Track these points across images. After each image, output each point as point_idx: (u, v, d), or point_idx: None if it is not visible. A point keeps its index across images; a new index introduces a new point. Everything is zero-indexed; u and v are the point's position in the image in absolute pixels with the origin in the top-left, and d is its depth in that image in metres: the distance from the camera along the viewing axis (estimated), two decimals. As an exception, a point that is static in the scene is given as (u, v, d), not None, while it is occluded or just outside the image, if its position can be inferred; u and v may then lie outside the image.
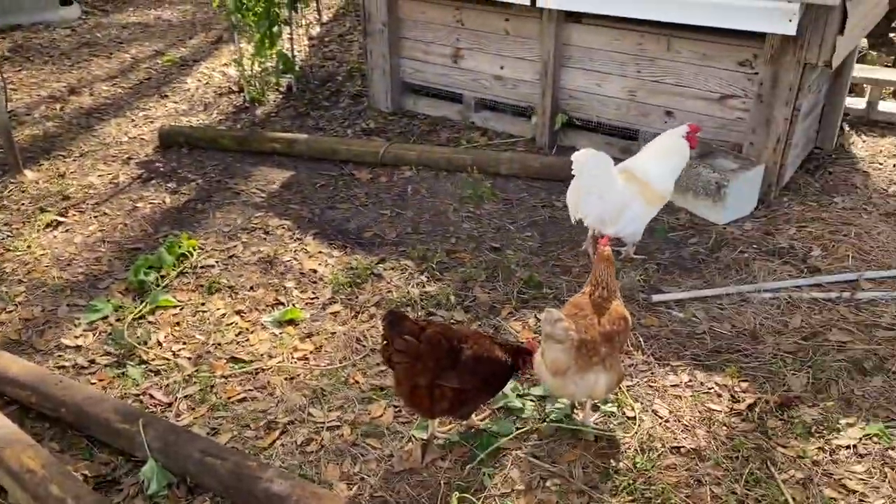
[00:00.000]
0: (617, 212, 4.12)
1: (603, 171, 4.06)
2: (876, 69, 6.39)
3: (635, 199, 4.12)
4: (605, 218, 4.15)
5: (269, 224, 4.87)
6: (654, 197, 4.16)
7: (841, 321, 3.79)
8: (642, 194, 4.12)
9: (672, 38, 4.97)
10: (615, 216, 4.13)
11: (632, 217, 4.15)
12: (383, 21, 6.06)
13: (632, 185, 4.13)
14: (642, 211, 4.16)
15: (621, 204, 4.11)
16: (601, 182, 4.07)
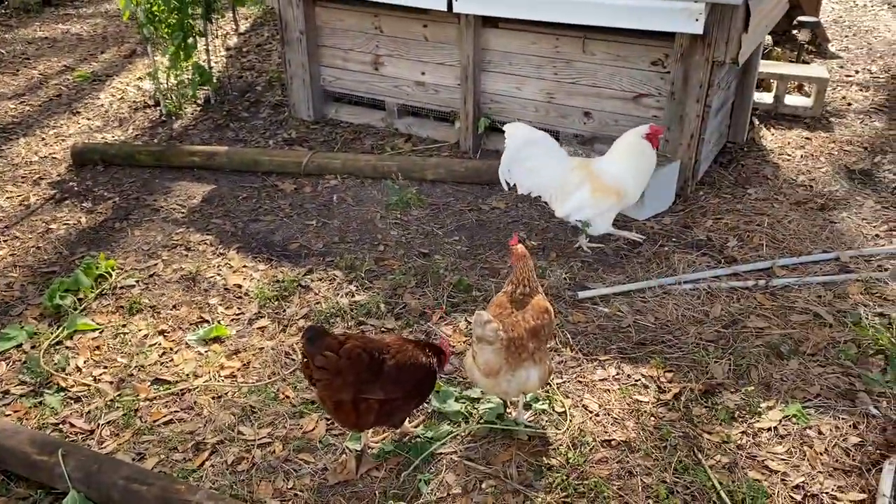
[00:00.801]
0: (560, 193, 4.36)
1: (540, 147, 4.35)
2: (781, 64, 6.68)
3: (583, 185, 4.31)
4: (545, 194, 4.43)
5: (191, 240, 4.74)
6: (602, 188, 4.29)
7: (758, 308, 3.93)
8: (590, 182, 4.30)
9: (587, 39, 5.07)
10: (559, 197, 4.38)
11: (578, 203, 4.33)
12: (301, 30, 5.99)
13: (580, 170, 4.35)
14: (589, 199, 4.31)
15: (563, 184, 4.34)
16: (537, 155, 4.33)
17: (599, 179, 4.30)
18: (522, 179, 4.44)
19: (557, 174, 4.37)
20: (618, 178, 4.32)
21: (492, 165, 5.35)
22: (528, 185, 4.46)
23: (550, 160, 4.38)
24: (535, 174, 4.40)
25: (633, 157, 4.35)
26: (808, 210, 4.86)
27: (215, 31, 7.64)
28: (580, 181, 4.32)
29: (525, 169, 4.40)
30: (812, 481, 2.92)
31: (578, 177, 4.33)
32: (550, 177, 4.38)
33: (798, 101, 6.31)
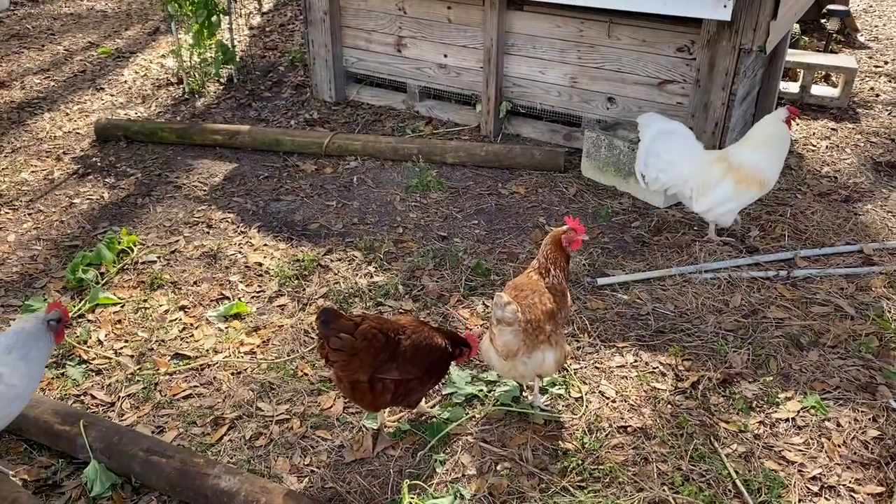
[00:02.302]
0: (701, 188, 4.16)
1: (674, 138, 4.19)
2: (808, 54, 6.58)
3: (725, 177, 4.13)
4: (685, 191, 4.22)
5: (212, 218, 4.78)
6: (746, 179, 4.12)
7: (778, 298, 3.90)
8: (733, 174, 4.12)
9: (612, 24, 5.03)
10: (699, 192, 4.18)
11: (721, 197, 4.15)
12: (324, 10, 5.98)
13: (720, 164, 4.15)
14: (732, 192, 4.13)
15: (705, 180, 4.15)
16: (673, 149, 4.18)
17: (742, 170, 4.11)
18: (659, 173, 4.25)
19: (698, 167, 4.16)
20: (762, 168, 4.13)
21: (512, 150, 5.35)
22: (665, 180, 4.26)
23: (689, 153, 4.19)
24: (673, 167, 4.20)
25: (774, 144, 4.17)
26: (832, 202, 4.80)
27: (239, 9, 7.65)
28: (721, 174, 4.13)
29: (663, 162, 4.21)
30: (829, 473, 2.90)
31: (719, 170, 4.13)
32: (690, 170, 4.17)
33: (825, 91, 6.23)
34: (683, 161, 4.18)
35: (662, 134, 4.22)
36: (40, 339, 2.72)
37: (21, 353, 2.64)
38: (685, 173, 4.19)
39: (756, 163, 4.12)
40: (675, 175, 4.21)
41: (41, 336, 2.72)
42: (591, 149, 5.08)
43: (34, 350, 2.69)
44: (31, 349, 2.68)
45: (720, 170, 4.13)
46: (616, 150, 4.90)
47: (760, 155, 4.14)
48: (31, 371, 2.65)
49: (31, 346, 2.68)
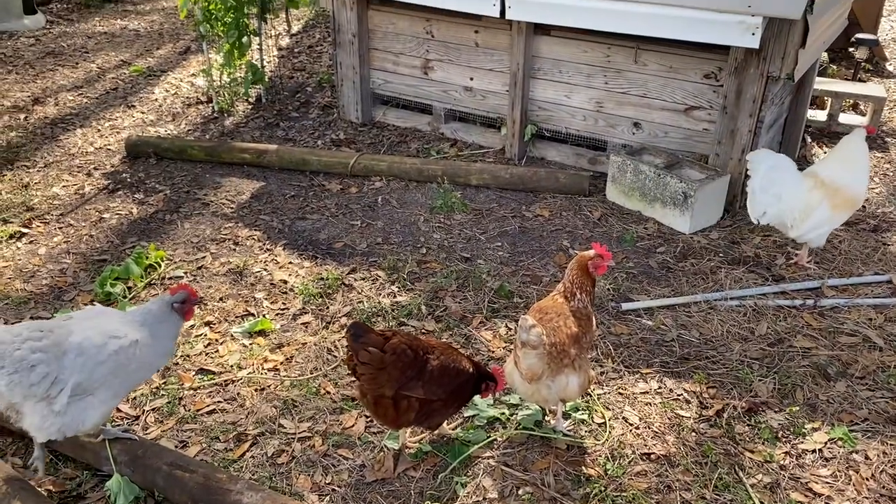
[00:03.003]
0: (801, 215, 4.17)
1: (778, 171, 4.20)
2: (836, 82, 6.55)
3: (822, 203, 4.14)
4: (786, 220, 4.22)
5: (239, 235, 4.83)
6: (843, 202, 4.15)
7: (805, 328, 3.86)
8: (829, 199, 4.14)
9: (639, 50, 5.05)
10: (799, 219, 4.18)
11: (818, 222, 4.17)
12: (353, 32, 6.06)
13: (818, 189, 4.16)
14: (829, 216, 4.16)
15: (805, 207, 4.16)
16: (777, 181, 4.18)
17: (839, 194, 4.14)
18: (769, 207, 4.22)
19: (800, 196, 4.17)
20: (855, 189, 4.18)
21: (537, 173, 5.37)
22: (773, 213, 4.24)
23: (793, 184, 4.20)
24: (780, 201, 4.19)
25: (863, 163, 4.23)
26: (861, 231, 4.76)
27: (269, 31, 7.77)
28: (819, 199, 4.14)
29: (771, 196, 4.21)
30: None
31: (818, 196, 4.14)
32: (793, 200, 4.17)
33: (853, 120, 6.19)
34: (788, 193, 4.18)
35: (770, 170, 4.21)
36: (166, 320, 2.93)
37: (150, 330, 2.87)
38: (791, 205, 4.18)
39: (851, 184, 4.15)
40: (782, 208, 4.20)
41: (166, 317, 2.93)
42: (616, 173, 5.08)
43: (161, 328, 2.91)
44: (159, 327, 2.90)
45: (819, 195, 4.14)
46: (642, 174, 4.90)
47: (852, 174, 4.17)
48: (157, 347, 2.89)
49: (157, 325, 2.90)
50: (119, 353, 2.73)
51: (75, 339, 2.69)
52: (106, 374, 2.72)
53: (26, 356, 2.59)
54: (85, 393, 2.71)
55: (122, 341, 2.75)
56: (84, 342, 2.69)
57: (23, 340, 2.61)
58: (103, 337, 2.73)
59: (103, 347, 2.70)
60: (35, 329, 2.68)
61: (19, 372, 2.57)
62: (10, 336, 2.62)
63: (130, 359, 2.76)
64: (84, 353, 2.67)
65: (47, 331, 2.68)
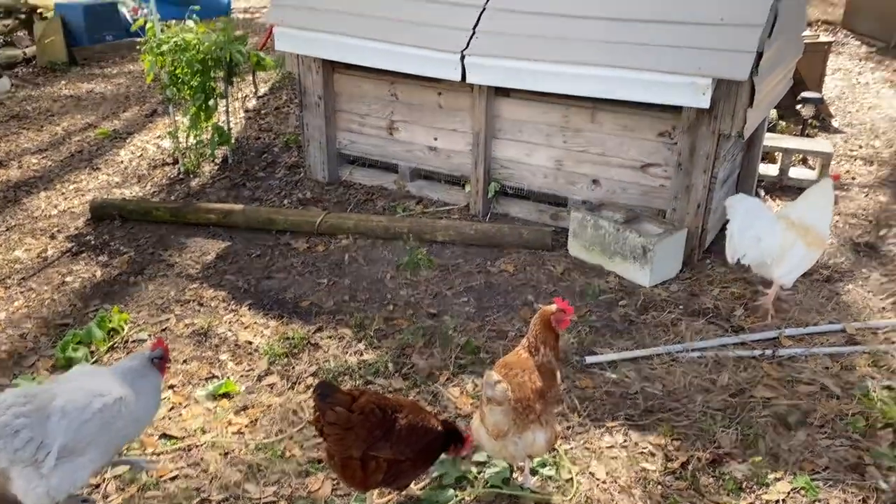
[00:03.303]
0: (779, 255, 4.38)
1: (756, 214, 4.46)
2: (785, 138, 6.82)
3: (797, 242, 4.37)
4: (767, 260, 4.42)
5: (204, 296, 4.81)
6: (815, 241, 4.40)
7: (765, 378, 3.94)
8: (802, 238, 4.37)
9: (595, 110, 5.22)
10: (778, 259, 4.39)
11: (797, 261, 4.39)
12: (319, 95, 6.18)
13: (792, 230, 4.40)
14: (804, 254, 4.38)
15: (781, 248, 4.37)
16: (755, 224, 4.42)
17: (811, 233, 4.39)
18: (748, 250, 4.44)
19: (777, 237, 4.39)
20: (823, 228, 4.45)
21: (501, 229, 5.46)
22: (754, 255, 4.44)
23: (768, 225, 4.44)
24: (759, 242, 4.41)
25: (828, 206, 4.51)
26: (815, 281, 4.90)
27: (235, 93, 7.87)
28: (794, 238, 4.38)
29: (750, 238, 4.43)
30: (821, 555, 2.88)
31: (792, 235, 4.38)
32: (772, 241, 4.40)
33: (803, 174, 6.43)
34: (766, 234, 4.42)
35: (748, 213, 4.48)
36: (147, 375, 3.04)
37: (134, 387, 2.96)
38: (770, 245, 4.41)
39: (818, 223, 4.42)
40: (762, 249, 4.43)
41: (147, 372, 3.04)
42: (577, 228, 5.19)
43: (144, 383, 3.01)
44: (141, 383, 3.00)
45: (793, 235, 4.38)
46: (601, 230, 5.01)
47: (819, 215, 4.44)
48: (142, 402, 2.98)
49: (140, 381, 2.99)
50: (104, 410, 2.79)
51: (58, 403, 2.75)
52: (93, 433, 2.76)
53: (10, 422, 2.64)
54: (73, 454, 2.74)
55: (105, 399, 2.81)
56: (67, 405, 2.75)
57: (6, 407, 2.67)
58: (87, 396, 2.80)
59: (87, 407, 2.77)
60: (20, 395, 2.74)
61: (3, 438, 2.62)
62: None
63: (116, 416, 2.82)
64: (67, 415, 2.73)
65: (31, 396, 2.74)
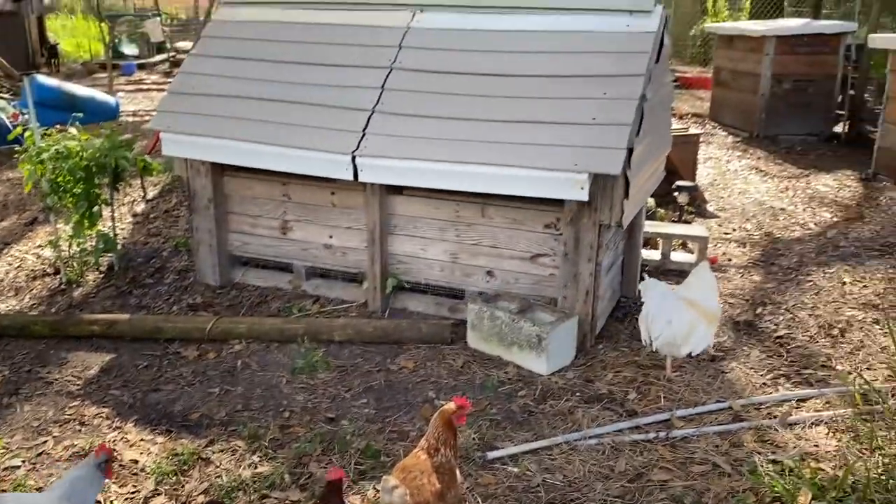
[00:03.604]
0: (687, 334, 4.72)
1: (666, 298, 4.80)
2: (664, 224, 7.23)
3: (699, 321, 4.74)
4: (678, 341, 4.73)
5: (85, 414, 4.53)
6: (712, 318, 4.85)
7: (661, 460, 4.03)
8: (704, 317, 4.77)
9: (485, 205, 5.40)
10: (686, 337, 4.73)
11: (700, 337, 4.76)
12: (209, 198, 6.12)
13: (692, 309, 4.76)
14: (707, 332, 4.79)
15: (689, 326, 4.72)
16: (667, 308, 4.74)
17: (709, 312, 4.81)
18: (663, 331, 4.71)
19: (684, 318, 4.71)
20: (714, 305, 4.92)
21: (399, 324, 5.46)
22: (666, 336, 4.71)
23: (676, 307, 4.76)
24: (670, 324, 4.69)
25: (714, 283, 5.02)
26: (700, 361, 5.11)
27: (122, 198, 7.68)
28: (696, 317, 4.73)
29: (664, 322, 4.70)
30: None
31: (694, 314, 4.74)
32: (680, 323, 4.71)
33: (683, 258, 6.80)
34: (676, 317, 4.72)
35: (661, 298, 4.81)
36: (94, 482, 3.19)
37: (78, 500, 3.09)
38: (679, 326, 4.73)
39: (709, 301, 4.89)
40: (673, 331, 4.73)
41: (94, 479, 3.20)
42: (475, 320, 5.26)
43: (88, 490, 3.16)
44: (87, 493, 3.14)
45: (695, 314, 4.74)
46: (498, 320, 5.10)
47: (710, 294, 4.92)
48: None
49: (87, 490, 3.14)
50: None
51: None
52: None
53: None
54: None
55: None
56: None
57: None
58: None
59: None
60: None
61: None
62: None
63: None
64: None
65: None
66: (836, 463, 3.97)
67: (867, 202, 8.86)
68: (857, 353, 5.23)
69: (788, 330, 5.60)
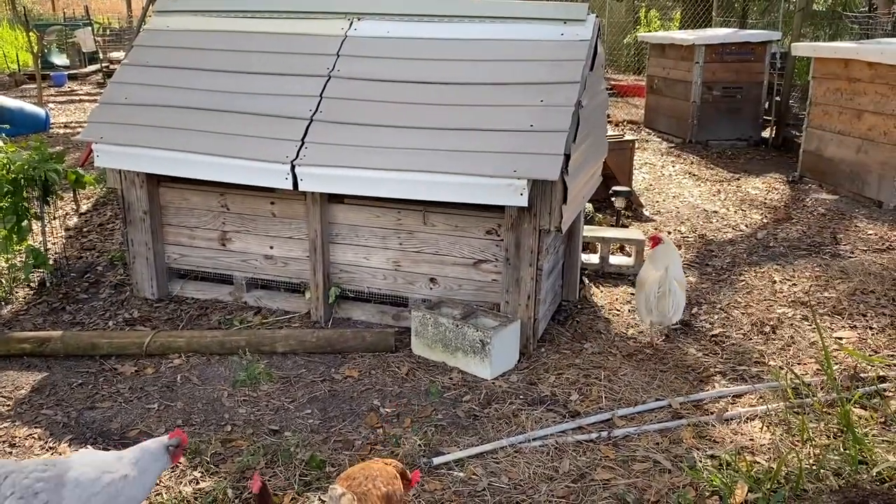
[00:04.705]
0: (678, 305, 5.37)
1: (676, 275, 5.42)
2: (602, 229, 7.38)
3: (679, 289, 5.33)
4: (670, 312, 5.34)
5: (16, 435, 4.36)
6: (683, 285, 5.49)
7: (604, 459, 4.10)
8: (678, 285, 5.33)
9: (427, 213, 5.42)
10: (677, 308, 5.36)
11: (682, 305, 5.45)
12: (144, 209, 5.98)
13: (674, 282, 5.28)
14: (682, 298, 5.43)
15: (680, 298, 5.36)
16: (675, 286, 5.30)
17: (682, 281, 5.48)
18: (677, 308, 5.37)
19: (677, 291, 5.29)
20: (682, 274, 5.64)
21: (343, 334, 5.43)
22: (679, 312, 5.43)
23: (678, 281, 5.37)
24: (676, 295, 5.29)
25: (677, 256, 5.63)
26: (640, 361, 5.23)
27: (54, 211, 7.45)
28: (678, 287, 5.30)
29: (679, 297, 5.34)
30: None
31: (676, 285, 5.28)
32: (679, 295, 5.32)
33: (621, 261, 6.95)
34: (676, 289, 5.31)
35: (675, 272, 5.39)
36: (159, 459, 3.35)
37: (141, 466, 3.28)
38: (678, 298, 5.35)
39: (681, 273, 5.61)
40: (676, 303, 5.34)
41: (160, 456, 3.36)
42: (419, 327, 5.27)
43: (152, 466, 3.33)
44: (151, 467, 3.32)
45: (676, 285, 5.30)
46: (442, 327, 5.12)
47: (679, 266, 5.60)
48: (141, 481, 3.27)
49: (150, 462, 3.32)
50: (110, 485, 3.14)
51: (73, 474, 3.12)
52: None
53: (31, 484, 3.03)
54: None
55: (113, 475, 3.18)
56: (80, 476, 3.12)
57: (30, 472, 3.07)
58: (98, 471, 3.17)
59: (97, 480, 3.13)
60: (40, 463, 3.16)
61: (25, 498, 3.00)
62: (19, 467, 3.11)
63: (119, 491, 3.16)
64: (80, 485, 3.10)
65: (51, 465, 3.15)
66: (771, 455, 4.11)
67: (794, 204, 9.23)
68: (787, 349, 5.43)
69: (723, 328, 5.79)
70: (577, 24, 5.31)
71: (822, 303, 6.21)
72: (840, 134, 9.56)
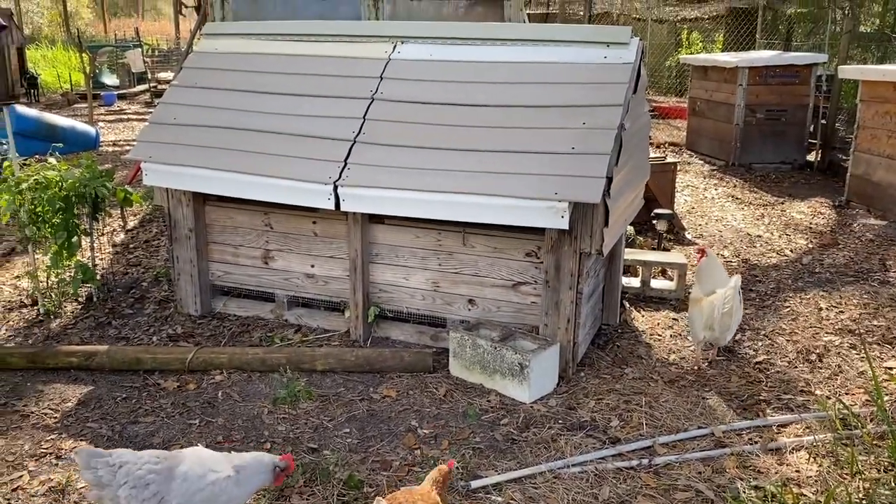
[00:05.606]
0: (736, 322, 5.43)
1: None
2: (644, 252, 7.30)
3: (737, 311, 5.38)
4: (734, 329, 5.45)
5: (62, 447, 4.46)
6: None
7: (644, 488, 4.03)
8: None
9: (466, 234, 5.44)
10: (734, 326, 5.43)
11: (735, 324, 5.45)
12: (190, 227, 6.10)
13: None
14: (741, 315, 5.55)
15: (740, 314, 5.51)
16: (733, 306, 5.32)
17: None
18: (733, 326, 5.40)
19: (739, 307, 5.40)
20: None
21: (382, 353, 5.45)
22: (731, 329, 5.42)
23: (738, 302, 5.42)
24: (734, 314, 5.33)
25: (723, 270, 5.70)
26: (682, 387, 5.15)
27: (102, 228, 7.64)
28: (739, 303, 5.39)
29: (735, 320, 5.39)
30: None
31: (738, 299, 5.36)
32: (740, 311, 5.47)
33: (663, 285, 6.86)
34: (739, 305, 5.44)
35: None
36: (263, 473, 3.47)
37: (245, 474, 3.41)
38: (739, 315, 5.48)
39: None
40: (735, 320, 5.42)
41: (266, 471, 3.48)
42: (457, 348, 5.26)
43: (255, 477, 3.45)
44: (253, 479, 3.44)
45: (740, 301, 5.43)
46: (480, 349, 5.10)
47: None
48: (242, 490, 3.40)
49: (255, 473, 3.44)
50: (215, 484, 3.28)
51: (182, 468, 3.28)
52: (201, 501, 3.25)
53: (144, 475, 3.19)
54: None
55: (219, 475, 3.31)
56: (189, 471, 3.27)
57: (143, 463, 3.22)
58: (204, 469, 3.31)
59: (203, 477, 3.27)
60: (153, 455, 3.31)
61: (137, 487, 3.16)
62: (134, 458, 3.25)
63: (222, 491, 3.30)
64: (187, 480, 3.24)
65: (163, 458, 3.31)
66: (818, 488, 3.99)
67: (841, 229, 9.02)
68: (835, 378, 5.30)
69: (767, 355, 5.66)
70: (620, 48, 5.30)
71: (870, 331, 6.05)
72: (889, 158, 9.35)
